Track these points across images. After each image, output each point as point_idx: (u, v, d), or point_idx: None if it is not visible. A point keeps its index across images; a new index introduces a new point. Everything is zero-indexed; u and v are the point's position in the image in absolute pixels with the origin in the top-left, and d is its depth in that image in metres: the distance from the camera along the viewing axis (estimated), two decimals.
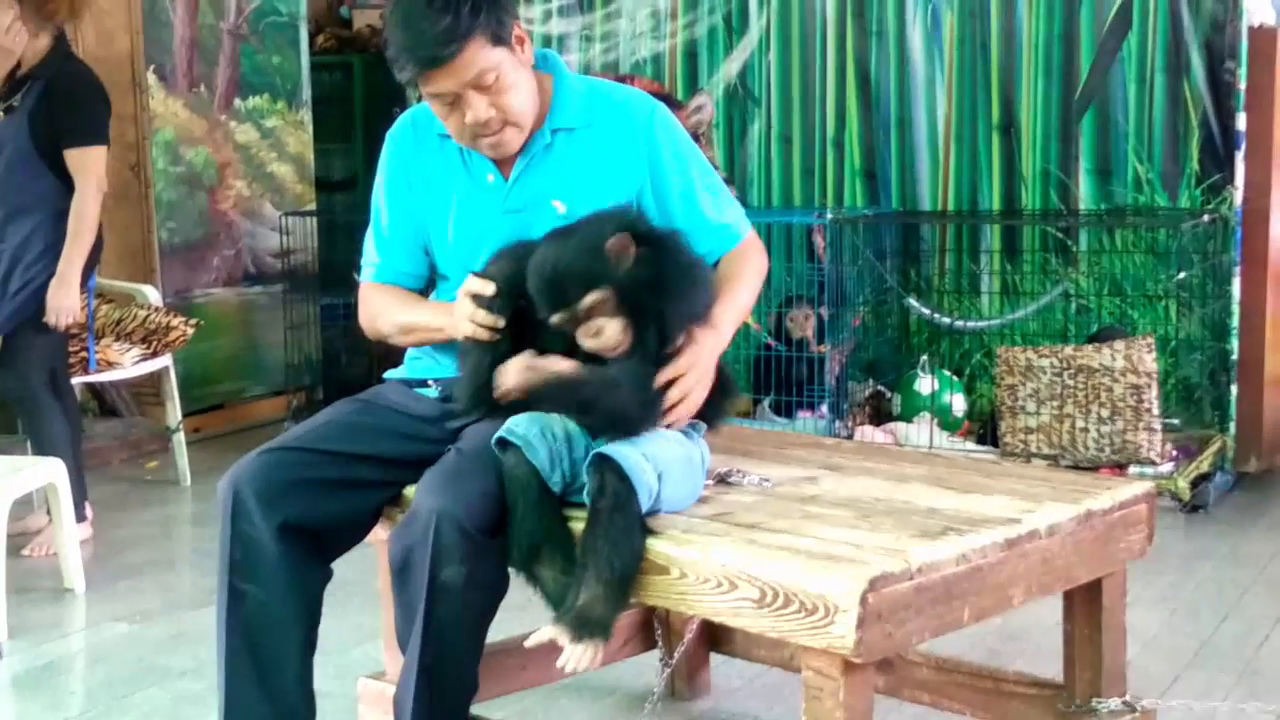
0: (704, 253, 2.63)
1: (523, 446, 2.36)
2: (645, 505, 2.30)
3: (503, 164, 2.68)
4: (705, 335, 2.50)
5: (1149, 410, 4.82)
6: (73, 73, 4.70)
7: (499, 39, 2.53)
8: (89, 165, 4.57)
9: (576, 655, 2.27)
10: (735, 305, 2.66)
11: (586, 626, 2.27)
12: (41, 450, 4.57)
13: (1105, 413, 4.81)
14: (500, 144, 2.62)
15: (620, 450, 2.30)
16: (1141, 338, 4.96)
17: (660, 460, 2.33)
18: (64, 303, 4.53)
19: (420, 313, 2.73)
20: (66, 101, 4.57)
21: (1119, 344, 4.90)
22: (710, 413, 2.53)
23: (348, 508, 2.59)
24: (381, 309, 2.78)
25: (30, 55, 4.59)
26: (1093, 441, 4.84)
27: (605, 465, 2.30)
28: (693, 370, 2.46)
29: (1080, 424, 4.85)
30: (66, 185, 4.56)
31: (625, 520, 2.28)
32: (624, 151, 2.67)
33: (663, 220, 2.63)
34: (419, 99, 2.71)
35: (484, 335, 2.48)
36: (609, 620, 2.27)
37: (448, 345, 2.68)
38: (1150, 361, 4.84)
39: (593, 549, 2.28)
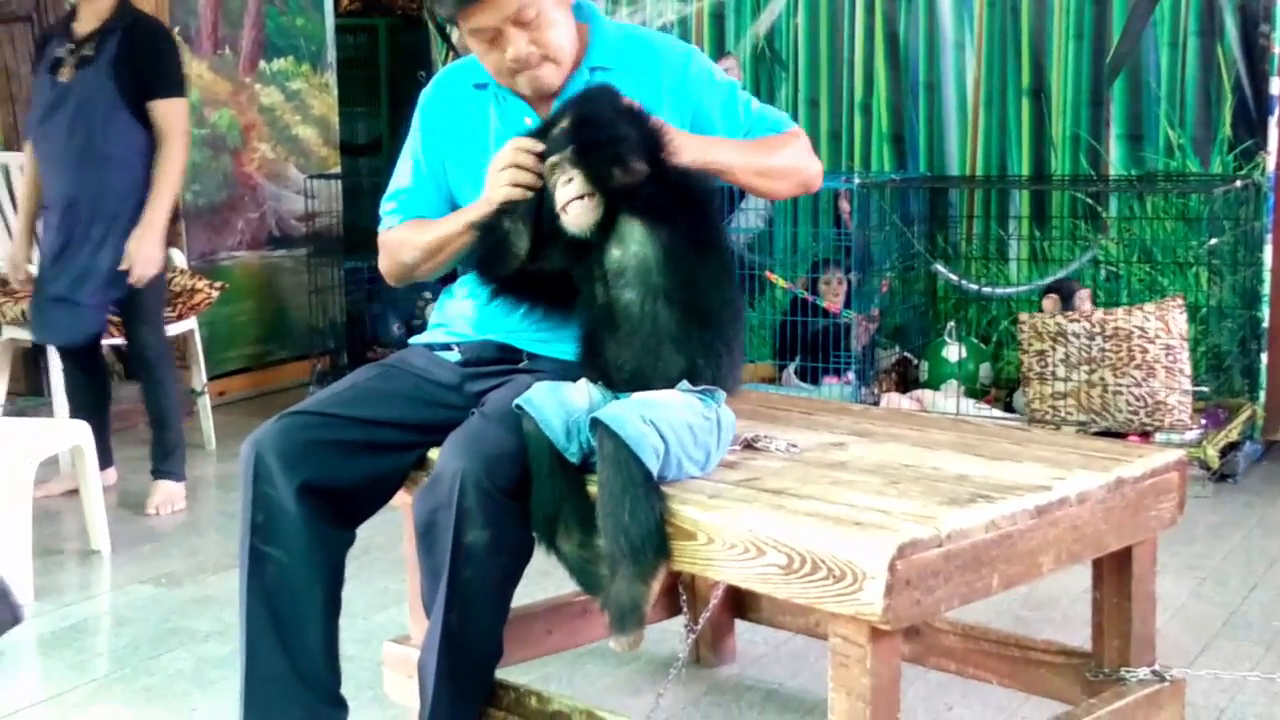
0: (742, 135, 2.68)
1: (536, 418, 2.34)
2: (654, 466, 2.26)
3: (539, 106, 2.66)
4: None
5: (1181, 371, 4.79)
6: (151, 25, 4.72)
7: None
8: (175, 117, 4.56)
9: (622, 646, 2.29)
10: (723, 144, 2.62)
11: (621, 618, 2.27)
12: (158, 410, 4.69)
13: (1139, 374, 4.77)
14: (538, 79, 2.61)
15: (615, 414, 2.27)
16: (1171, 298, 4.92)
17: (664, 423, 2.29)
18: (148, 251, 4.51)
19: (443, 225, 2.68)
20: (151, 53, 4.55)
21: (1150, 306, 4.86)
22: (724, 377, 2.47)
23: (369, 471, 2.58)
24: (403, 240, 2.75)
25: (99, 8, 4.55)
26: (1125, 404, 4.80)
27: (601, 430, 2.27)
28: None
29: (1113, 387, 4.81)
30: (152, 138, 4.55)
31: (623, 484, 2.24)
32: (662, 92, 2.66)
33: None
34: (444, 61, 2.70)
35: (518, 194, 2.46)
36: (640, 601, 2.25)
37: (473, 304, 2.68)
38: (1182, 322, 4.80)
39: (603, 525, 2.27)
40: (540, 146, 2.47)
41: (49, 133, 4.57)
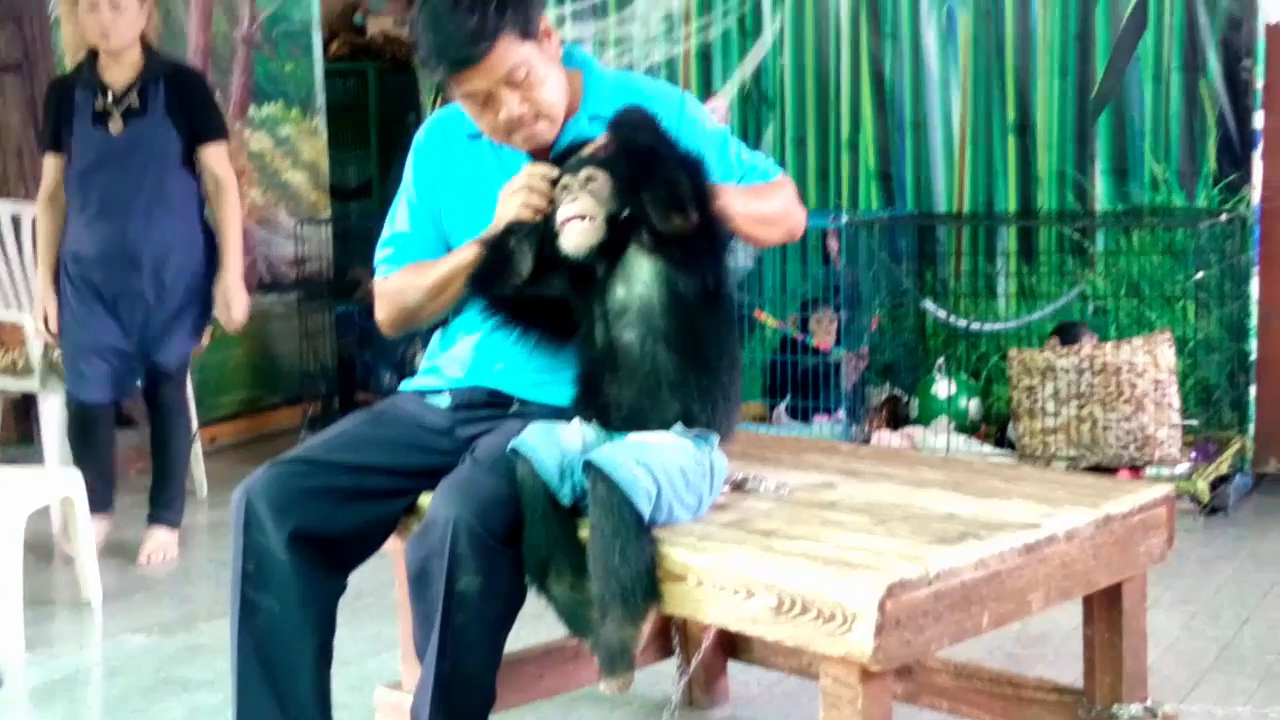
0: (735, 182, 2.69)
1: (532, 459, 2.34)
2: (646, 510, 2.27)
3: (537, 156, 2.67)
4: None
5: (1170, 405, 4.80)
6: (191, 71, 4.75)
7: (527, 34, 2.55)
8: (227, 160, 4.58)
9: (612, 689, 2.29)
10: (728, 191, 2.60)
11: (610, 661, 2.27)
12: (167, 458, 4.68)
13: (1129, 409, 4.79)
14: (533, 136, 2.62)
15: (608, 457, 2.28)
16: (1159, 332, 4.94)
17: (657, 466, 2.31)
18: (240, 294, 4.58)
19: (448, 260, 2.68)
20: (200, 99, 4.55)
21: (1138, 340, 4.88)
22: (719, 422, 2.48)
23: (360, 518, 2.58)
24: (405, 283, 2.74)
25: (131, 57, 4.47)
26: (1115, 439, 4.81)
27: (594, 473, 2.28)
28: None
29: (1102, 422, 4.82)
30: (199, 185, 4.56)
31: (614, 527, 2.24)
32: None
33: None
34: (434, 106, 2.71)
35: (529, 214, 2.48)
36: (630, 644, 2.26)
37: (465, 347, 2.69)
38: (1170, 356, 4.82)
39: (593, 568, 2.27)
40: (555, 172, 2.49)
41: (102, 185, 4.46)
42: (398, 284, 2.76)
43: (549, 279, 2.50)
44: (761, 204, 2.67)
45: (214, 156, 4.55)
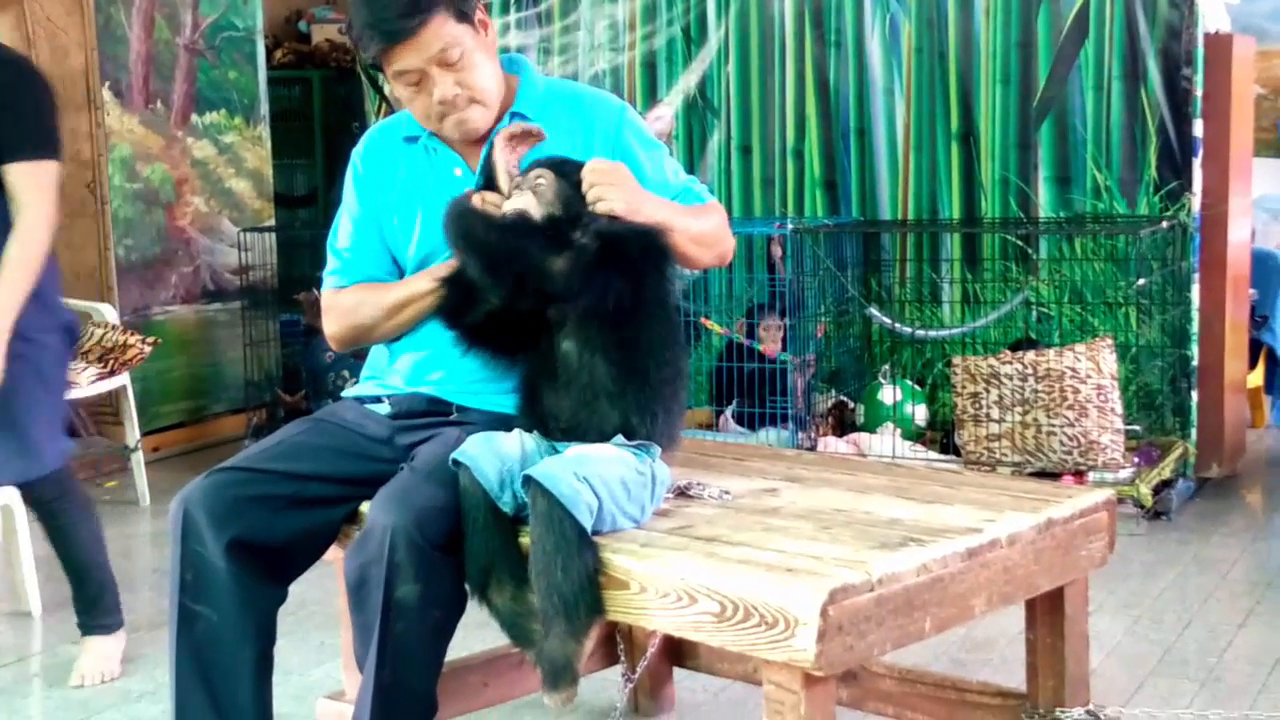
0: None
1: (472, 468, 2.33)
2: (588, 523, 2.27)
3: (468, 155, 2.67)
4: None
5: (1113, 410, 4.83)
6: (11, 59, 3.55)
7: (462, 15, 2.57)
8: (40, 183, 3.40)
9: (556, 702, 2.28)
10: (670, 205, 2.61)
11: (554, 675, 2.27)
12: (77, 564, 3.68)
13: (1072, 415, 4.81)
14: (465, 121, 2.62)
15: (548, 472, 2.28)
16: (1102, 338, 4.98)
17: (598, 479, 2.30)
18: None
19: (407, 284, 2.68)
20: (15, 95, 3.42)
21: (1080, 347, 4.91)
22: (659, 434, 2.47)
23: (299, 526, 2.56)
24: (359, 300, 2.73)
25: None
26: (1059, 444, 4.84)
27: (534, 488, 2.27)
28: (612, 170, 2.48)
29: (1046, 428, 4.85)
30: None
31: (555, 542, 2.24)
32: (595, 143, 2.67)
33: None
34: (378, 114, 2.71)
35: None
36: (573, 659, 2.26)
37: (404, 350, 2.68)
38: (1113, 362, 4.86)
39: (535, 583, 2.27)
40: (499, 198, 2.48)
41: None
42: (351, 300, 2.75)
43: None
44: (698, 223, 2.66)
45: (20, 175, 3.38)
